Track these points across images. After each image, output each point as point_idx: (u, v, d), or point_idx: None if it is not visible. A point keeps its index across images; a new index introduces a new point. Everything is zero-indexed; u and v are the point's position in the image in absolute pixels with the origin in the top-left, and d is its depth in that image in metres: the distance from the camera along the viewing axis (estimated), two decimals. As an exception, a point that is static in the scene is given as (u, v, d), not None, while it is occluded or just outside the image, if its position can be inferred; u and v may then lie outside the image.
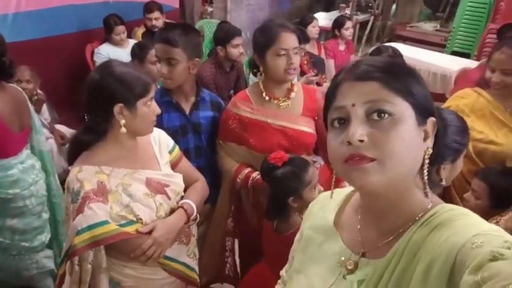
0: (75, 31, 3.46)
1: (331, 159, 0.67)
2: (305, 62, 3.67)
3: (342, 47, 3.97)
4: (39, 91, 2.77)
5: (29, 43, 3.07)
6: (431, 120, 0.66)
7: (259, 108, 1.64)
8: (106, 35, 3.37)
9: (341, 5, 6.24)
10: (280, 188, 1.45)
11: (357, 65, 0.66)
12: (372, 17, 6.36)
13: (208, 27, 4.64)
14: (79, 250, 1.16)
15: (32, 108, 1.92)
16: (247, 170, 1.68)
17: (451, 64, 3.82)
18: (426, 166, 0.65)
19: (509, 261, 0.49)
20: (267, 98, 1.64)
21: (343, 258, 0.72)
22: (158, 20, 3.47)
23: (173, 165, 1.46)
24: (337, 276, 0.71)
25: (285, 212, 1.46)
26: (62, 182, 1.50)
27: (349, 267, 0.70)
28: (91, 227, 1.15)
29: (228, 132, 1.69)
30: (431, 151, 0.65)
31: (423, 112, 0.64)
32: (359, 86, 0.63)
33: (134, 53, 2.60)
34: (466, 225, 0.59)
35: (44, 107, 2.87)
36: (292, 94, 1.66)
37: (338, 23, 3.93)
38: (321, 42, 4.10)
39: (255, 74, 1.71)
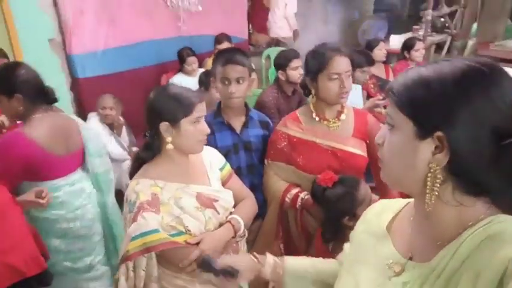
0: (153, 64, 3.82)
1: None
2: (371, 85, 3.60)
3: (412, 69, 3.81)
4: (120, 117, 3.09)
5: (114, 76, 3.48)
6: (436, 134, 0.62)
7: (309, 128, 1.65)
8: (180, 66, 3.68)
9: (414, 27, 6.02)
10: (334, 209, 1.43)
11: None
12: (450, 37, 6.02)
13: (274, 54, 4.80)
14: (132, 255, 1.25)
15: (87, 133, 1.98)
16: (295, 190, 1.68)
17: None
18: (431, 179, 0.64)
19: None
20: (317, 118, 1.65)
21: (391, 261, 0.74)
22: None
23: (224, 182, 1.52)
24: (383, 279, 0.73)
25: (342, 233, 1.42)
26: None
27: (396, 269, 0.72)
28: (143, 235, 1.24)
29: (276, 152, 1.72)
30: (443, 164, 0.62)
31: (425, 125, 0.63)
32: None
33: (201, 80, 2.80)
34: None
35: (124, 131, 3.20)
36: (343, 116, 1.66)
37: (407, 45, 3.81)
38: (391, 65, 3.99)
39: (306, 95, 1.74)
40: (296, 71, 2.81)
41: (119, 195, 3.04)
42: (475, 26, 6.35)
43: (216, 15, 4.21)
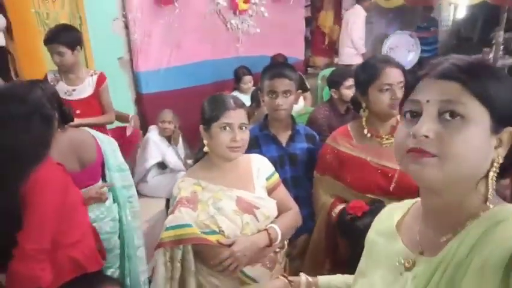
0: (211, 82, 4.01)
1: (395, 147, 0.70)
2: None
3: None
4: (178, 130, 3.27)
5: (175, 92, 3.70)
6: (509, 129, 0.64)
7: (359, 145, 1.60)
8: (235, 84, 3.82)
9: (485, 49, 5.69)
10: (361, 240, 1.34)
11: (442, 62, 0.67)
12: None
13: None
14: (164, 244, 1.31)
15: (108, 147, 1.94)
16: (341, 206, 1.62)
17: None
18: (493, 174, 0.64)
19: None
20: (368, 135, 1.59)
21: (402, 258, 0.72)
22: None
23: (270, 191, 1.52)
24: (395, 275, 0.72)
25: None
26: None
27: (407, 265, 0.71)
28: (176, 227, 1.31)
29: (325, 166, 1.69)
30: (502, 161, 0.64)
31: (501, 119, 0.63)
32: (438, 84, 0.64)
33: (252, 96, 2.88)
34: None
35: (181, 144, 3.36)
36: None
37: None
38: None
39: (357, 111, 1.71)
40: (350, 90, 2.78)
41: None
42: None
43: (273, 37, 4.34)
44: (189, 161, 3.30)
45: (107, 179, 1.97)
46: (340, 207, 1.62)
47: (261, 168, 1.52)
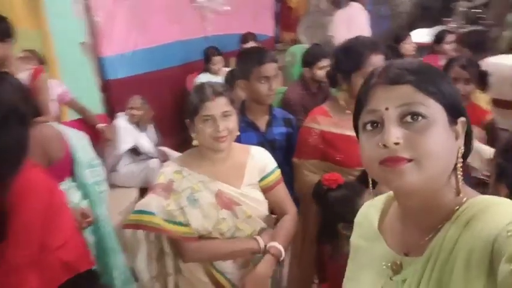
0: (179, 64, 3.90)
1: (365, 161, 0.68)
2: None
3: (442, 62, 3.70)
4: (145, 115, 3.18)
5: (143, 76, 3.57)
6: (462, 120, 0.67)
7: (341, 122, 1.61)
8: (205, 65, 3.73)
9: (445, 19, 5.82)
10: (331, 212, 1.38)
11: (388, 68, 0.67)
12: (484, 29, 5.78)
13: (299, 51, 4.77)
14: (126, 225, 1.37)
15: (77, 143, 1.86)
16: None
17: None
18: (460, 164, 0.66)
19: None
20: (348, 112, 1.58)
21: (388, 261, 0.73)
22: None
23: (268, 189, 1.48)
24: (385, 279, 0.72)
25: (337, 238, 1.38)
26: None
27: (394, 267, 0.71)
28: (141, 212, 1.34)
29: (309, 150, 1.68)
30: (463, 149, 0.67)
31: (454, 113, 0.66)
32: (392, 90, 0.65)
33: (227, 79, 2.82)
34: (500, 214, 0.59)
35: (152, 129, 3.29)
36: None
37: (437, 38, 3.70)
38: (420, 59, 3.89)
39: (333, 86, 1.70)
40: (323, 70, 2.75)
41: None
42: (510, 16, 6.05)
43: (242, 14, 4.24)
44: (162, 148, 3.26)
45: (76, 176, 1.86)
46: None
47: (257, 164, 1.47)
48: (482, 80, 2.06)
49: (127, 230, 1.44)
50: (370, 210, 0.84)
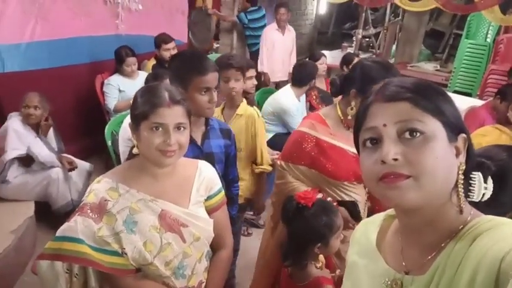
0: (86, 62, 3.48)
1: (365, 178, 0.68)
2: (314, 96, 3.71)
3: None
4: (47, 118, 2.73)
5: (41, 72, 3.07)
6: (462, 136, 0.67)
7: (338, 134, 1.60)
8: (117, 66, 3.39)
9: (344, 44, 6.40)
10: (308, 232, 1.32)
11: (386, 86, 0.69)
12: (374, 56, 6.51)
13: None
14: (44, 256, 1.12)
15: None
16: (320, 195, 1.57)
17: (458, 103, 3.83)
18: (461, 182, 0.66)
19: None
20: (345, 125, 1.59)
21: (387, 280, 0.71)
22: (174, 50, 3.50)
23: (210, 211, 1.33)
24: None
25: (304, 259, 1.34)
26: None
27: (394, 286, 0.70)
28: (63, 238, 1.11)
29: (300, 155, 1.62)
30: (464, 167, 0.67)
31: (454, 129, 0.66)
32: (390, 107, 0.66)
33: (147, 83, 2.59)
34: (507, 234, 0.59)
35: (51, 135, 2.83)
36: None
37: (347, 60, 4.00)
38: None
39: (334, 96, 1.66)
40: (251, 81, 2.65)
41: (46, 207, 2.70)
42: (394, 47, 6.95)
43: (156, 16, 3.99)
44: (65, 156, 2.82)
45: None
46: (320, 196, 1.53)
47: (206, 181, 1.31)
48: None
49: (43, 262, 1.16)
50: (368, 228, 0.83)
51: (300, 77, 3.25)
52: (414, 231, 0.70)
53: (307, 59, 3.78)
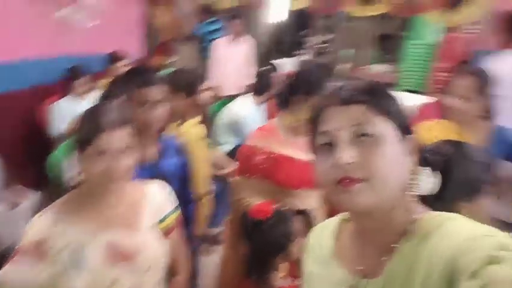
0: (31, 86, 3.30)
1: (320, 182, 0.69)
2: (274, 105, 3.74)
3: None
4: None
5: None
6: (411, 137, 0.69)
7: (289, 142, 1.60)
8: (68, 88, 3.26)
9: (300, 51, 6.51)
10: (268, 245, 1.32)
11: (339, 89, 0.69)
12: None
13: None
14: None
15: None
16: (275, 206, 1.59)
17: (410, 101, 3.99)
18: (411, 182, 0.68)
19: (506, 264, 0.51)
20: (296, 133, 1.61)
21: (346, 285, 0.71)
22: (128, 67, 3.40)
23: (164, 234, 1.27)
24: None
25: (268, 272, 1.33)
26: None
27: None
28: None
29: (252, 168, 1.62)
30: (414, 167, 0.68)
31: (404, 130, 0.67)
32: (344, 110, 0.66)
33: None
34: (456, 230, 0.61)
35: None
36: None
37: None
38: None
39: (283, 108, 1.69)
40: (207, 93, 2.71)
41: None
42: (342, 52, 7.16)
43: (108, 33, 3.88)
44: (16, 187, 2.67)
45: None
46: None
47: (157, 201, 1.23)
48: None
49: None
50: (323, 233, 0.82)
51: (259, 85, 3.27)
52: (369, 233, 0.71)
53: (268, 68, 3.81)
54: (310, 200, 1.64)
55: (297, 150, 1.59)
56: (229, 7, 5.43)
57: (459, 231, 0.59)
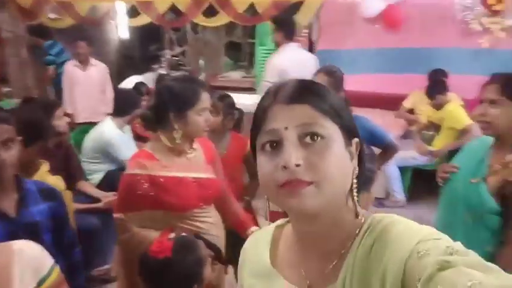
0: None
1: (264, 184, 0.64)
2: (137, 125, 3.56)
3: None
4: None
5: None
6: (355, 140, 0.67)
7: (170, 164, 1.52)
8: None
9: (154, 66, 6.37)
10: (179, 281, 1.22)
11: (286, 87, 0.65)
12: (186, 73, 6.71)
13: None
14: None
15: None
16: (173, 235, 1.44)
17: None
18: (355, 185, 0.66)
19: (456, 269, 0.51)
20: (176, 153, 1.55)
21: None
22: None
23: None
24: None
25: None
26: None
27: None
28: None
29: (138, 201, 1.47)
30: (357, 171, 0.66)
31: (349, 133, 0.66)
32: (291, 109, 0.63)
33: None
34: (405, 234, 0.60)
35: None
36: (195, 144, 1.62)
37: (160, 81, 3.97)
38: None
39: (153, 130, 1.59)
40: (61, 121, 2.40)
41: None
42: (201, 61, 7.32)
43: None
44: None
45: None
46: (172, 236, 1.42)
47: (31, 263, 1.03)
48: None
49: None
50: (258, 244, 0.77)
51: (122, 106, 3.07)
52: (313, 240, 0.68)
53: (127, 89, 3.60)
54: (209, 216, 1.60)
55: (181, 171, 1.55)
56: (68, 26, 4.97)
57: (410, 234, 0.59)
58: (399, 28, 4.00)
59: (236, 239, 1.80)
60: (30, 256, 1.03)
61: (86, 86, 4.35)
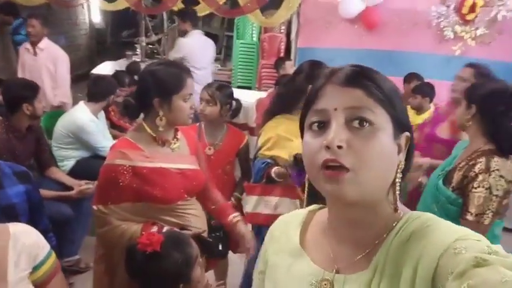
0: None
1: (307, 164, 0.63)
2: (113, 113, 3.46)
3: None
4: None
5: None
6: (406, 134, 0.65)
7: (154, 155, 1.45)
8: None
9: (127, 53, 6.19)
10: (166, 278, 1.17)
11: (342, 70, 0.64)
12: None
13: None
14: None
15: None
16: (156, 228, 1.43)
17: (246, 97, 4.28)
18: (398, 180, 0.64)
19: (493, 267, 0.50)
20: (159, 142, 1.48)
21: (315, 280, 0.67)
22: None
23: (42, 285, 1.07)
24: None
25: None
26: None
27: (324, 285, 0.66)
28: None
29: (119, 192, 1.40)
30: (403, 165, 0.65)
31: (400, 126, 0.64)
32: (343, 91, 0.62)
33: None
34: (443, 230, 0.60)
35: None
36: (179, 134, 1.55)
37: (132, 69, 3.89)
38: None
39: (134, 117, 1.55)
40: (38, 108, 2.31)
41: None
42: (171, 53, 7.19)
43: None
44: None
45: None
46: (155, 229, 1.41)
47: (27, 248, 1.04)
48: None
49: None
50: (288, 225, 0.77)
51: (96, 92, 2.96)
52: (347, 227, 0.67)
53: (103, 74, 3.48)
54: (193, 209, 1.55)
55: (165, 162, 1.48)
56: (37, 4, 4.73)
57: (449, 233, 0.58)
58: (376, 30, 4.09)
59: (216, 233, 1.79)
60: (26, 242, 1.04)
61: (35, 72, 3.69)
